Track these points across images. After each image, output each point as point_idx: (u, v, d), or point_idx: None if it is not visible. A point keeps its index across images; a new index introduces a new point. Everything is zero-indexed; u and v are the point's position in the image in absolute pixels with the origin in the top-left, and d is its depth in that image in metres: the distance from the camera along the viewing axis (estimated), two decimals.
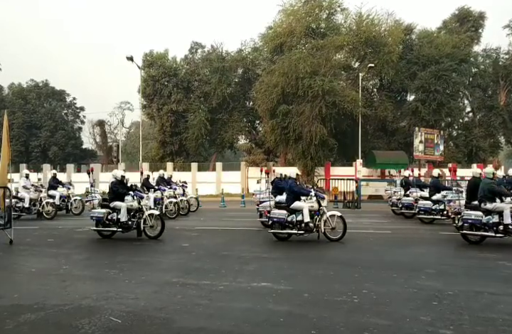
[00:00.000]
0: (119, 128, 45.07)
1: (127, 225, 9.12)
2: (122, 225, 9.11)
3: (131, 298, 4.73)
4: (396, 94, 32.57)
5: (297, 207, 8.75)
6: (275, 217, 8.73)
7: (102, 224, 9.21)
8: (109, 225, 9.22)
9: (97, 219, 9.14)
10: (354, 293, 4.86)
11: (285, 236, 8.94)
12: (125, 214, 9.07)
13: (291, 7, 29.27)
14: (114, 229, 9.16)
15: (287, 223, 8.70)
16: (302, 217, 8.62)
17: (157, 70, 32.52)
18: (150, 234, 9.12)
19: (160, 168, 31.47)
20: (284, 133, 27.00)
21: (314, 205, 8.77)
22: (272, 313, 4.22)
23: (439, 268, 6.22)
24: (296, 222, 8.68)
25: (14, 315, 4.15)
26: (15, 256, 7.67)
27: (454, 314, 4.17)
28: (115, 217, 9.13)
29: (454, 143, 33.29)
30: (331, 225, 8.69)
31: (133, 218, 9.22)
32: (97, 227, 9.27)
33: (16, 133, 36.34)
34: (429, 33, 32.14)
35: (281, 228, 8.79)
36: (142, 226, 9.10)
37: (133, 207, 9.22)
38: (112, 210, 9.23)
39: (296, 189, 8.87)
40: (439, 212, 11.72)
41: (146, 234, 9.12)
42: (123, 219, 9.07)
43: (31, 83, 41.31)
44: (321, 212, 8.78)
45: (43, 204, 13.63)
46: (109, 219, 9.16)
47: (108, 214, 9.17)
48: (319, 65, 26.18)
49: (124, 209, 9.07)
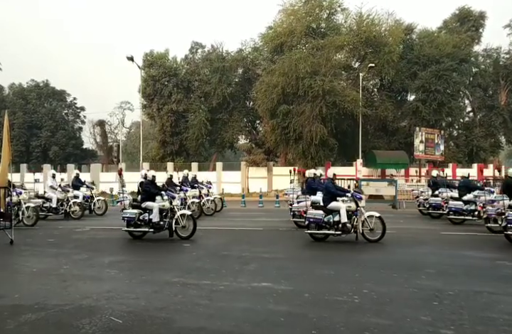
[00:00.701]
0: (119, 128, 45.12)
1: (159, 226, 9.02)
2: (154, 226, 9.00)
3: (131, 298, 4.73)
4: (396, 93, 32.57)
5: (334, 208, 8.61)
6: (312, 217, 8.60)
7: (133, 224, 9.11)
8: (141, 226, 9.12)
9: (128, 219, 9.04)
10: (355, 292, 4.86)
11: (322, 236, 8.80)
12: (157, 214, 8.97)
13: (291, 7, 29.28)
14: (146, 229, 9.06)
15: (324, 224, 8.56)
16: (339, 218, 8.49)
17: (157, 70, 32.53)
18: (182, 235, 9.01)
19: (160, 168, 31.55)
20: (285, 133, 27.01)
21: (352, 205, 8.62)
22: (272, 313, 4.22)
23: (439, 268, 6.22)
24: (334, 222, 8.55)
25: (15, 315, 4.16)
26: (15, 257, 7.67)
27: (454, 314, 4.17)
28: (147, 217, 9.04)
29: (454, 143, 33.29)
30: (370, 226, 8.56)
31: (164, 218, 9.12)
32: (128, 228, 9.17)
33: (16, 133, 36.37)
34: (429, 33, 32.13)
35: (317, 228, 8.66)
36: (174, 226, 9.00)
37: (165, 207, 9.11)
38: (143, 211, 9.14)
39: (333, 189, 8.73)
40: (471, 212, 11.52)
41: (178, 234, 9.03)
42: (155, 220, 8.97)
43: (32, 83, 41.35)
44: (359, 213, 8.62)
45: (69, 204, 13.58)
46: (141, 220, 9.08)
47: (140, 214, 9.08)
48: (319, 64, 26.19)
49: (156, 210, 8.97)
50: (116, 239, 9.50)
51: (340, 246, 8.42)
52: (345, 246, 8.42)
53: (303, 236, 8.99)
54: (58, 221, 12.97)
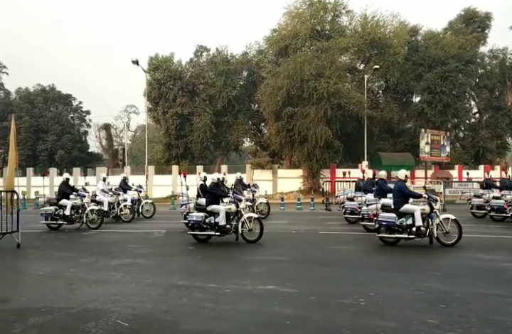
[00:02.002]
0: (124, 131, 45.37)
1: (226, 229, 8.82)
2: (220, 229, 8.82)
3: (137, 301, 4.74)
4: (402, 95, 32.49)
5: (408, 210, 8.28)
6: (383, 220, 8.31)
7: (198, 228, 8.98)
8: (206, 229, 8.97)
9: (194, 223, 8.92)
10: (360, 295, 4.83)
11: (393, 240, 8.51)
12: (224, 217, 8.77)
13: (296, 9, 29.36)
14: (212, 233, 8.90)
15: (396, 227, 8.26)
16: (413, 221, 8.17)
17: (162, 74, 32.69)
18: (248, 238, 8.84)
19: (165, 171, 31.68)
20: (289, 135, 27.01)
21: (426, 207, 8.29)
22: (277, 315, 4.21)
23: (446, 271, 6.18)
24: (406, 225, 8.23)
25: (22, 318, 4.18)
26: (22, 260, 7.71)
27: (461, 316, 4.13)
28: (213, 220, 8.87)
29: (460, 144, 33.13)
30: (445, 229, 8.23)
31: (231, 221, 8.93)
32: (193, 231, 9.05)
33: (23, 137, 36.64)
34: (434, 34, 32.08)
35: (389, 232, 8.37)
36: (241, 230, 8.82)
37: (231, 210, 8.91)
38: (208, 214, 8.98)
39: (406, 191, 8.44)
40: None
41: (245, 238, 8.85)
42: (222, 223, 8.76)
43: (38, 87, 41.70)
44: (434, 216, 8.29)
45: (120, 207, 13.55)
46: (207, 223, 8.92)
47: (205, 217, 8.93)
48: (324, 67, 26.19)
49: (222, 213, 8.78)
50: (120, 242, 9.53)
51: (345, 249, 8.38)
52: (350, 248, 8.38)
53: (310, 238, 8.96)
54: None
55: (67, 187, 11.95)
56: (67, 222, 11.57)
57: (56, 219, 11.57)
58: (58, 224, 11.66)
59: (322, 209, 17.67)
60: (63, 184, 11.96)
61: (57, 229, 11.70)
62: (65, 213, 11.47)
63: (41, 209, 11.88)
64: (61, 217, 11.53)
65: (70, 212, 11.54)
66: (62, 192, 11.79)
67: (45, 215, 11.60)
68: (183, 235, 10.65)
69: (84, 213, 11.66)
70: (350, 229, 11.03)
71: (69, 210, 11.51)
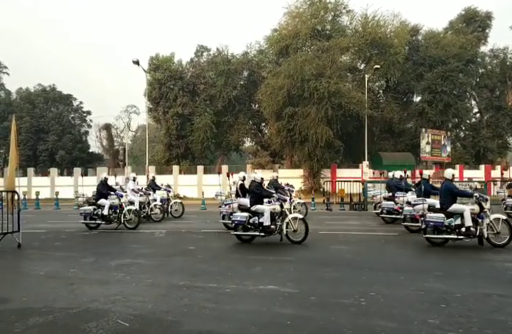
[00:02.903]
0: (125, 131, 45.37)
1: (270, 229, 8.69)
2: (265, 229, 8.67)
3: (138, 301, 4.74)
4: (402, 95, 32.50)
5: (456, 210, 8.13)
6: (431, 220, 8.13)
7: (242, 228, 8.85)
8: (250, 229, 8.83)
9: (238, 223, 8.78)
10: (361, 295, 4.83)
11: (441, 241, 8.38)
12: (268, 218, 8.64)
13: (296, 9, 29.37)
14: (256, 233, 8.76)
15: (444, 227, 8.10)
16: (461, 221, 8.02)
17: (163, 74, 32.70)
18: (293, 239, 8.68)
19: (166, 171, 31.68)
20: (290, 135, 27.02)
21: (475, 207, 8.12)
22: (278, 315, 4.21)
23: (446, 271, 6.18)
24: (455, 226, 8.07)
25: (23, 318, 4.18)
26: (23, 260, 7.72)
27: (462, 317, 4.13)
28: (257, 221, 8.74)
29: (461, 144, 33.12)
30: (496, 230, 8.05)
31: (275, 222, 8.80)
32: (236, 231, 8.92)
33: (23, 137, 36.63)
34: (435, 34, 32.09)
35: (436, 233, 8.22)
36: (285, 230, 8.68)
37: (275, 210, 8.81)
38: (252, 214, 8.83)
39: (456, 190, 8.31)
40: None
41: (289, 238, 8.70)
42: (266, 224, 8.62)
43: (38, 88, 41.69)
44: (484, 216, 8.11)
45: (151, 207, 13.50)
46: (251, 223, 8.78)
47: (249, 218, 8.78)
48: (325, 66, 26.20)
49: (267, 213, 8.63)
50: (121, 242, 9.53)
51: (347, 249, 8.38)
52: (351, 248, 8.37)
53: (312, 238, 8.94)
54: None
55: (104, 187, 11.86)
56: (105, 221, 11.52)
57: (94, 219, 11.55)
58: (97, 223, 11.62)
59: (323, 209, 17.68)
60: (101, 184, 11.90)
61: (96, 229, 11.65)
62: (103, 213, 11.43)
63: (80, 209, 11.84)
64: (99, 217, 11.50)
65: (108, 211, 11.48)
66: (100, 192, 11.75)
67: (83, 215, 11.59)
68: (184, 235, 10.67)
69: (121, 213, 11.58)
70: (350, 229, 11.01)
71: (107, 210, 11.44)
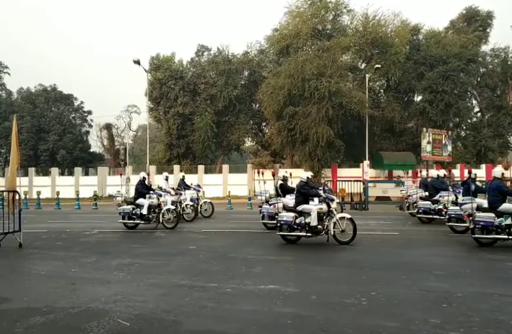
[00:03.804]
0: (126, 131, 45.39)
1: (317, 230, 8.51)
2: (312, 230, 8.52)
3: (139, 300, 4.75)
4: (403, 94, 32.44)
5: (508, 210, 7.97)
6: (481, 220, 7.99)
7: (288, 228, 8.70)
8: (296, 230, 8.68)
9: (284, 223, 8.62)
10: (362, 295, 4.83)
11: (490, 241, 8.22)
12: (316, 218, 8.48)
13: (297, 9, 29.33)
14: (302, 233, 8.61)
15: (494, 227, 7.95)
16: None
17: (164, 73, 32.68)
18: (341, 240, 8.53)
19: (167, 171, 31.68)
20: (291, 134, 27.00)
21: None
22: (279, 315, 4.21)
23: (447, 270, 6.17)
24: (506, 226, 7.91)
25: (24, 317, 4.19)
26: (24, 260, 7.73)
27: (463, 316, 4.13)
28: (303, 221, 8.58)
29: (462, 143, 33.07)
30: None
31: (322, 222, 8.61)
32: (281, 232, 8.78)
33: (24, 137, 36.63)
34: (436, 33, 32.02)
35: (485, 233, 8.06)
36: (332, 230, 8.51)
37: (323, 210, 8.60)
38: (298, 214, 8.69)
39: (506, 189, 8.19)
40: None
41: (337, 239, 8.55)
42: (313, 224, 8.45)
43: (39, 87, 41.70)
44: None
45: (182, 206, 13.37)
46: (297, 224, 8.62)
47: (295, 218, 8.64)
48: (325, 66, 26.17)
49: (314, 213, 8.48)
50: (122, 242, 9.54)
51: (349, 248, 8.37)
52: (353, 248, 8.37)
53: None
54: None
55: (143, 187, 11.80)
56: (144, 221, 11.45)
57: (133, 219, 11.49)
58: (135, 223, 11.56)
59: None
60: (140, 183, 11.81)
61: (134, 229, 11.60)
62: (142, 212, 11.34)
63: (119, 209, 11.72)
64: (138, 217, 11.42)
65: (147, 211, 11.39)
66: (139, 192, 11.68)
67: (122, 214, 11.53)
68: (183, 234, 10.68)
69: (160, 213, 11.46)
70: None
71: (146, 209, 11.34)
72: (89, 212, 19.03)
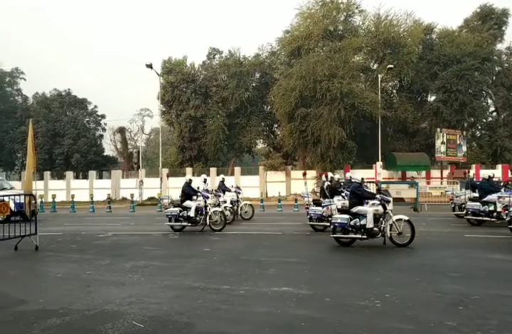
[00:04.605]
0: (139, 134, 45.73)
1: (373, 232, 8.36)
2: (368, 232, 8.37)
3: (153, 302, 4.77)
4: (416, 95, 32.13)
5: None
6: None
7: (342, 230, 8.54)
8: (350, 232, 8.50)
9: (339, 225, 8.48)
10: (376, 297, 4.79)
11: None
12: (371, 219, 8.31)
13: (308, 10, 29.31)
14: (357, 236, 8.45)
15: None
16: None
17: (176, 77, 32.95)
18: (398, 242, 8.33)
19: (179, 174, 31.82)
20: (303, 136, 26.94)
21: None
22: (292, 317, 4.19)
23: (463, 272, 6.08)
24: None
25: (40, 319, 4.25)
26: (40, 262, 7.84)
27: (480, 319, 4.06)
28: (358, 223, 8.40)
29: (477, 143, 32.58)
30: None
31: (378, 224, 8.43)
32: (335, 234, 8.64)
33: (40, 141, 37.18)
34: (449, 32, 31.65)
35: None
36: (389, 233, 8.31)
37: (378, 212, 8.43)
38: (353, 216, 8.50)
39: None
40: None
41: (394, 241, 8.33)
42: (369, 226, 8.28)
43: (54, 92, 42.33)
44: None
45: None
46: (352, 226, 8.42)
47: (350, 220, 8.43)
48: (337, 67, 26.07)
49: (370, 215, 8.31)
50: (135, 244, 9.61)
51: (363, 249, 8.31)
52: (367, 249, 8.30)
53: (322, 239, 8.91)
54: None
55: (190, 189, 11.72)
56: (191, 223, 11.37)
57: (180, 221, 11.44)
58: (182, 225, 11.49)
59: None
60: (186, 185, 11.74)
61: (181, 231, 11.50)
62: (189, 215, 11.28)
63: (166, 211, 11.69)
64: (185, 219, 11.37)
65: (194, 213, 11.33)
66: (186, 194, 11.63)
67: (169, 217, 11.48)
68: (196, 236, 10.72)
69: (207, 215, 11.39)
70: None
71: (193, 212, 11.26)
72: (103, 215, 19.23)
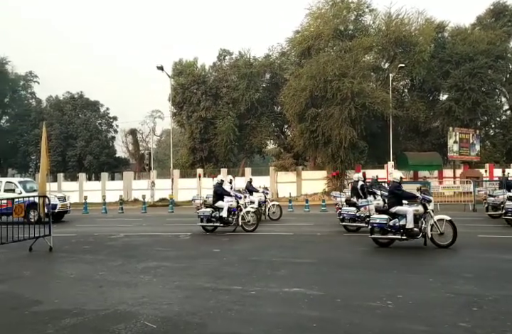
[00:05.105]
0: (150, 136, 46.04)
1: (413, 232, 8.13)
2: (408, 232, 8.15)
3: (165, 303, 4.80)
4: (428, 93, 31.83)
5: None
6: None
7: (381, 231, 8.40)
8: (389, 232, 8.34)
9: (378, 225, 8.35)
10: (388, 298, 4.75)
11: None
12: (412, 220, 8.11)
13: (318, 10, 29.20)
14: (397, 236, 8.27)
15: None
16: None
17: (186, 78, 33.10)
18: (439, 243, 8.17)
19: (190, 175, 31.96)
20: (313, 136, 26.84)
21: None
22: (304, 318, 4.19)
23: (476, 272, 6.01)
24: None
25: (55, 319, 4.30)
26: (54, 263, 7.95)
27: (495, 320, 4.01)
28: (398, 223, 8.23)
29: (491, 142, 32.14)
30: None
31: (418, 224, 8.24)
32: (373, 235, 8.49)
33: (53, 143, 37.62)
34: (462, 30, 31.31)
35: None
36: (430, 233, 8.12)
37: (418, 212, 8.24)
38: (392, 216, 8.33)
39: None
40: None
41: (435, 242, 8.17)
42: (409, 226, 8.11)
43: (67, 95, 42.86)
44: None
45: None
46: (391, 226, 8.28)
47: (389, 220, 8.30)
48: (348, 67, 25.94)
49: (410, 215, 8.12)
50: (147, 245, 9.68)
51: (378, 251, 8.25)
52: (380, 251, 8.25)
53: (336, 240, 8.88)
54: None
55: (222, 189, 11.67)
56: (223, 224, 11.30)
57: (212, 222, 11.38)
58: (214, 226, 11.42)
59: None
60: (218, 186, 11.70)
61: (213, 232, 11.48)
62: (222, 215, 11.22)
63: (198, 212, 11.56)
64: (217, 219, 11.30)
65: (227, 214, 11.25)
66: (218, 194, 11.58)
67: (201, 217, 11.44)
68: (206, 237, 10.77)
69: (239, 215, 11.32)
70: None
71: (226, 212, 11.20)
72: (116, 216, 19.41)
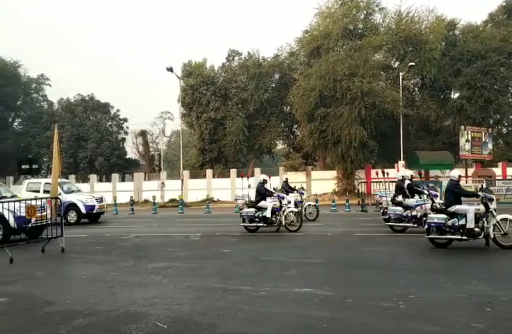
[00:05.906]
0: (160, 137, 46.28)
1: (474, 233, 7.82)
2: (468, 232, 7.84)
3: (175, 303, 4.82)
4: (439, 92, 31.51)
5: None
6: None
7: (438, 231, 8.12)
8: (447, 232, 8.07)
9: (435, 225, 8.07)
10: (400, 298, 4.71)
11: None
12: (473, 219, 7.80)
13: (327, 9, 29.12)
14: (457, 237, 7.97)
15: None
16: None
17: (196, 79, 33.27)
18: (503, 243, 7.82)
19: (200, 175, 32.05)
20: (323, 136, 26.76)
21: None
22: (314, 318, 4.17)
23: (490, 273, 5.93)
24: None
25: (67, 320, 4.34)
26: (66, 264, 8.04)
27: (509, 321, 3.95)
28: (457, 223, 7.93)
29: (504, 140, 31.71)
30: None
31: (479, 224, 7.93)
32: (430, 235, 8.24)
33: (65, 145, 38.03)
34: (473, 28, 30.90)
35: None
36: (492, 234, 7.79)
37: (480, 211, 7.93)
38: (449, 216, 8.07)
39: None
40: None
41: (497, 242, 7.82)
42: (470, 226, 7.79)
43: (78, 97, 43.30)
44: None
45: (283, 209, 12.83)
46: (450, 226, 8.01)
47: (448, 220, 8.02)
48: (357, 66, 25.82)
49: (471, 214, 7.81)
50: (157, 245, 9.73)
51: (386, 251, 8.19)
52: (394, 250, 8.18)
53: (346, 240, 8.83)
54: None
55: (265, 189, 11.53)
56: (266, 224, 11.18)
57: (255, 222, 11.28)
58: (257, 226, 11.34)
59: (357, 211, 17.38)
60: (261, 185, 11.56)
61: (255, 232, 11.41)
62: (265, 215, 11.09)
63: (242, 212, 11.51)
64: (260, 220, 11.19)
65: (270, 214, 11.11)
66: (261, 194, 11.48)
67: (244, 217, 11.39)
68: (216, 238, 10.79)
69: (283, 215, 11.22)
70: (386, 231, 10.74)
71: (269, 212, 11.05)
72: (127, 217, 19.55)
